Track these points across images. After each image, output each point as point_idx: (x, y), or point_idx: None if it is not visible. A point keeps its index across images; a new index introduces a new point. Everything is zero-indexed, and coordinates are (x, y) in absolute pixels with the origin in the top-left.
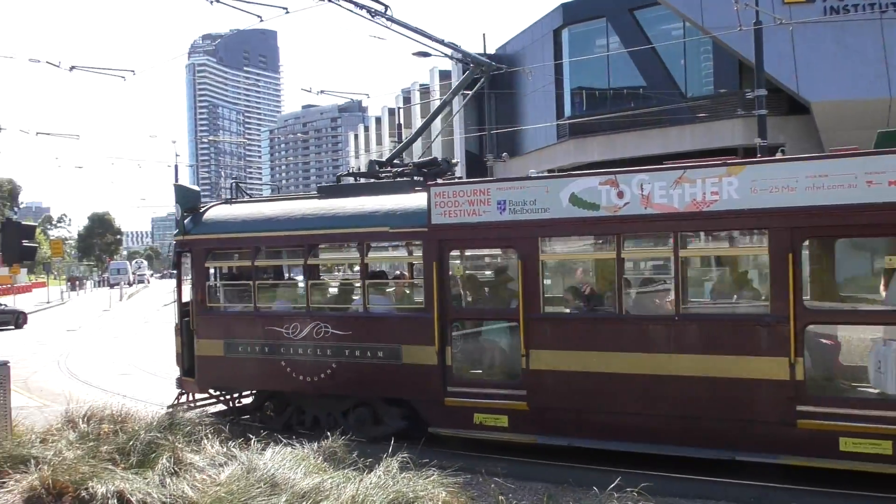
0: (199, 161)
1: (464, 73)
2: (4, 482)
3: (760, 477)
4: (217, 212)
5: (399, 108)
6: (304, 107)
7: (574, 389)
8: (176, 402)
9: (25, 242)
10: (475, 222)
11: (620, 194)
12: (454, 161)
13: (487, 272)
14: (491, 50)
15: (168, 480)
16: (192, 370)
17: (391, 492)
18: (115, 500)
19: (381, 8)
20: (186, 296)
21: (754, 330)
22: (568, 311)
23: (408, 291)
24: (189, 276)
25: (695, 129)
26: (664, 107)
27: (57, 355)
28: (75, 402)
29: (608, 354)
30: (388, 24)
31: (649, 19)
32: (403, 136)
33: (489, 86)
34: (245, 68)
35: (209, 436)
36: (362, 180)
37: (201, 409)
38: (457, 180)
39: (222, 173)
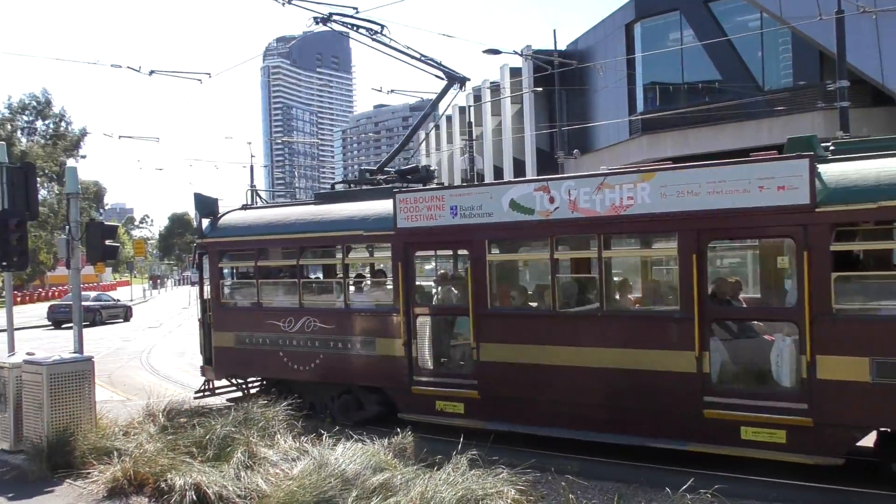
0: (274, 161)
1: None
2: (90, 473)
3: (839, 481)
4: (230, 217)
5: (469, 106)
6: (375, 106)
7: (516, 379)
8: (203, 388)
9: (108, 242)
10: (433, 226)
11: (552, 199)
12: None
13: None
14: (562, 46)
15: (243, 474)
16: (211, 359)
17: (460, 488)
18: (193, 493)
19: (377, 28)
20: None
21: (666, 326)
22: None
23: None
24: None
25: (772, 123)
26: (740, 100)
27: (139, 351)
28: (155, 396)
29: (543, 348)
30: (375, 44)
31: (724, 11)
32: (473, 134)
33: (560, 82)
34: (318, 69)
35: (282, 431)
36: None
37: (225, 395)
38: (418, 188)
39: (296, 173)
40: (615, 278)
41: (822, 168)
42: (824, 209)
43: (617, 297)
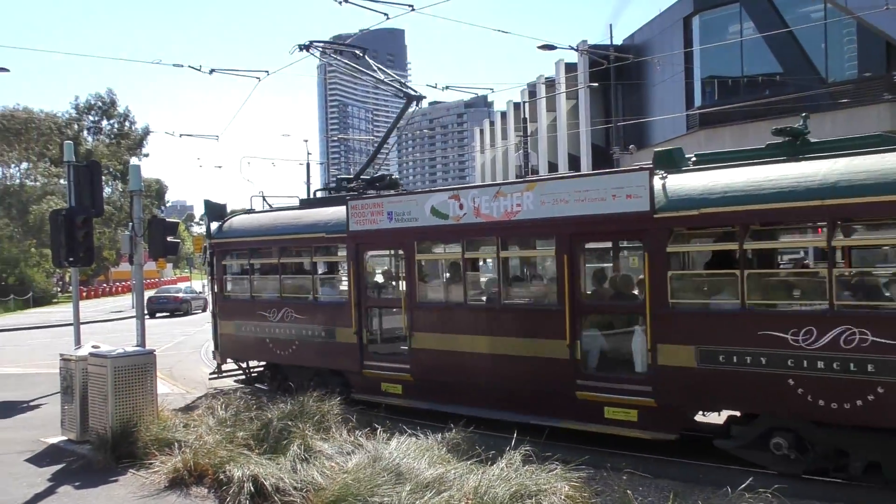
0: (330, 159)
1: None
2: (152, 463)
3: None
4: (233, 221)
5: (524, 102)
6: (430, 103)
7: (440, 365)
8: (215, 371)
9: (169, 238)
10: (375, 229)
11: (461, 206)
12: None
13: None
14: (618, 41)
15: (299, 466)
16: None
17: (513, 484)
18: (251, 484)
19: (360, 53)
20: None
21: (545, 317)
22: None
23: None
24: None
25: (836, 116)
26: (803, 93)
27: (198, 345)
28: (214, 389)
29: (459, 337)
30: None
31: (786, 2)
32: (528, 130)
33: (616, 77)
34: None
35: (336, 425)
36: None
37: (236, 380)
38: (366, 195)
39: (352, 170)
40: (514, 275)
41: (670, 179)
42: (661, 215)
43: (513, 291)
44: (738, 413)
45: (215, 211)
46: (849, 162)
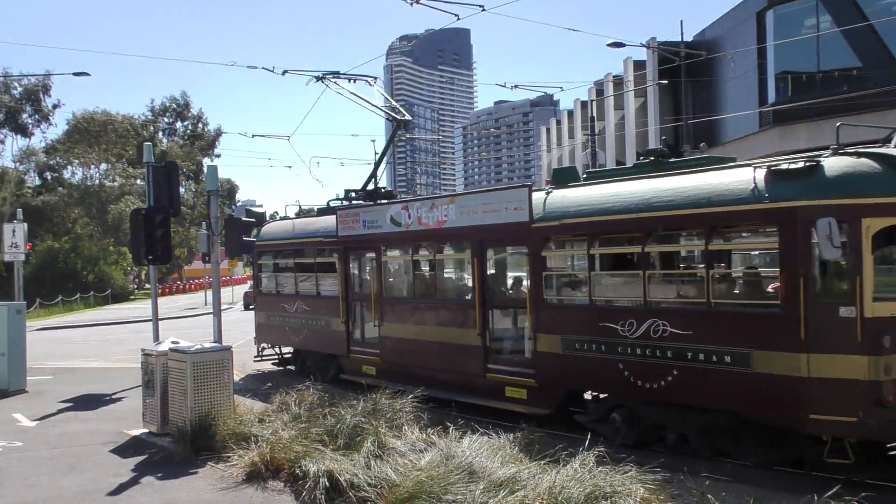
0: (396, 158)
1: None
2: (230, 457)
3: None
4: (268, 227)
5: (591, 100)
6: (496, 102)
7: (400, 350)
8: (258, 354)
9: (245, 237)
10: (355, 234)
11: (409, 216)
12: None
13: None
14: (688, 37)
15: (373, 463)
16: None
17: (588, 485)
18: (326, 479)
19: (371, 82)
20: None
21: (465, 311)
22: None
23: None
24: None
25: None
26: (882, 88)
27: None
28: (286, 385)
29: (410, 326)
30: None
31: None
32: (595, 129)
33: (686, 74)
34: (439, 67)
35: (409, 423)
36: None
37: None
38: (349, 205)
39: (418, 170)
40: (450, 275)
41: (553, 193)
42: (537, 225)
43: (446, 288)
44: (599, 394)
45: (256, 217)
46: (668, 181)
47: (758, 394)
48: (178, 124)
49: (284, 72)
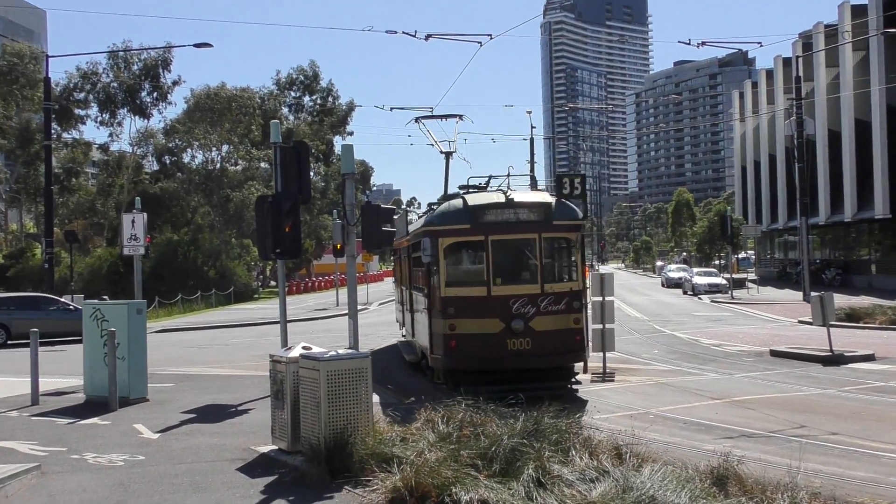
0: (556, 133)
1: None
2: (369, 480)
3: None
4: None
5: (797, 56)
6: (676, 63)
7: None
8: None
9: (385, 227)
10: (403, 236)
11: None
12: None
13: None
14: None
15: (535, 493)
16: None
17: None
18: None
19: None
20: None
21: None
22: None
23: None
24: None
25: None
26: None
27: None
28: (431, 400)
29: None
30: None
31: None
32: (802, 92)
33: None
34: (607, 23)
35: (577, 446)
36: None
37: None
38: (409, 211)
39: (582, 145)
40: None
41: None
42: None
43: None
44: None
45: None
46: None
47: (430, 340)
48: (306, 98)
49: (428, 36)
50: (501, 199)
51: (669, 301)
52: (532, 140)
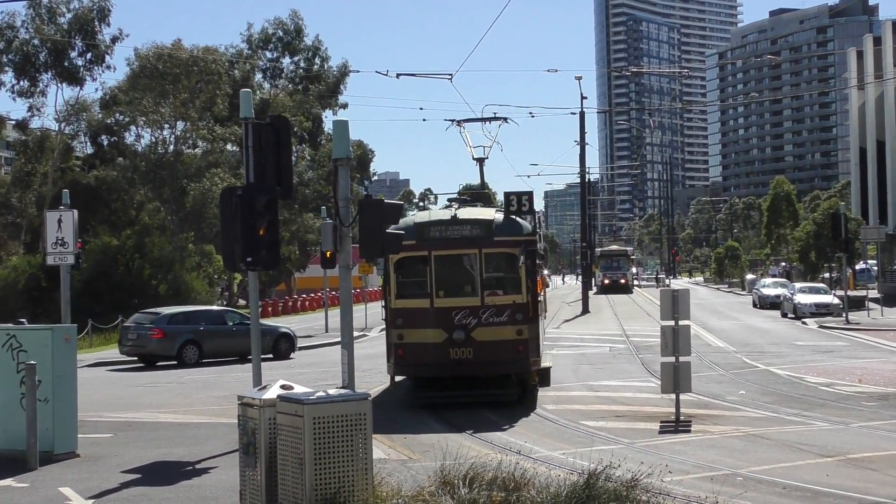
0: (613, 105)
1: None
2: None
3: None
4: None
5: None
6: (772, 13)
7: None
8: None
9: (390, 229)
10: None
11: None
12: None
13: None
14: None
15: None
16: None
17: None
18: None
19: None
20: None
21: None
22: None
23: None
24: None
25: None
26: None
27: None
28: (452, 456)
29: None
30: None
31: None
32: None
33: None
34: None
35: None
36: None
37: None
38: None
39: (648, 121)
40: None
41: None
42: None
43: None
44: None
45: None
46: None
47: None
48: (286, 60)
49: None
50: (447, 216)
51: (763, 326)
52: (582, 114)
